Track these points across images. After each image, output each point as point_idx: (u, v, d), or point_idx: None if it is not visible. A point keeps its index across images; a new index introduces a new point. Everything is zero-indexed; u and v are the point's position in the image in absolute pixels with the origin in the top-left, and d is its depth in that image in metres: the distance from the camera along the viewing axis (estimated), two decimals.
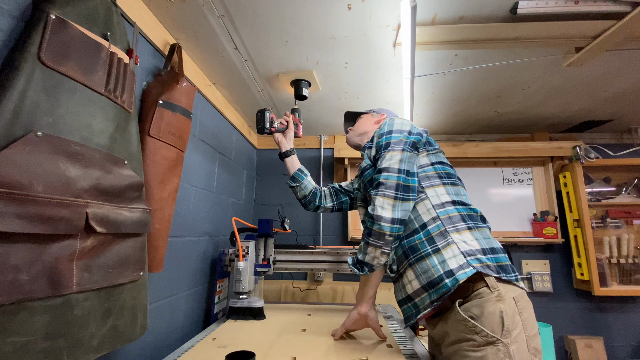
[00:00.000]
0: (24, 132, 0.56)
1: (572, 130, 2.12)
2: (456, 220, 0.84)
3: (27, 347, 0.54)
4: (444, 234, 0.82)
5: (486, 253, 0.79)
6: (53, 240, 0.59)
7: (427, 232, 0.85)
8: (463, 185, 0.95)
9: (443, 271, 0.78)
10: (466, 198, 0.91)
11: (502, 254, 0.82)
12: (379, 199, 0.87)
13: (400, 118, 1.02)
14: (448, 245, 0.81)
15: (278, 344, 1.02)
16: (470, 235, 0.82)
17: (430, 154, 0.96)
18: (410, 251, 0.86)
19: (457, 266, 0.77)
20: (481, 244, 0.81)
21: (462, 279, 0.75)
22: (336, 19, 1.06)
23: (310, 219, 2.20)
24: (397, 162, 0.90)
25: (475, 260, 0.77)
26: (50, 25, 0.62)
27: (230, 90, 1.58)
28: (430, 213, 0.86)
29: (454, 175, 0.95)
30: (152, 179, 0.93)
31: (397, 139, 0.94)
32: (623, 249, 1.91)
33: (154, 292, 1.06)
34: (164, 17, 1.05)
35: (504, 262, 0.80)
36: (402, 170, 0.88)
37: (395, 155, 0.91)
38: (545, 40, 1.12)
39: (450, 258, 0.79)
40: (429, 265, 0.81)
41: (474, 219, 0.86)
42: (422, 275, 0.82)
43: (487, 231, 0.86)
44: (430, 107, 1.77)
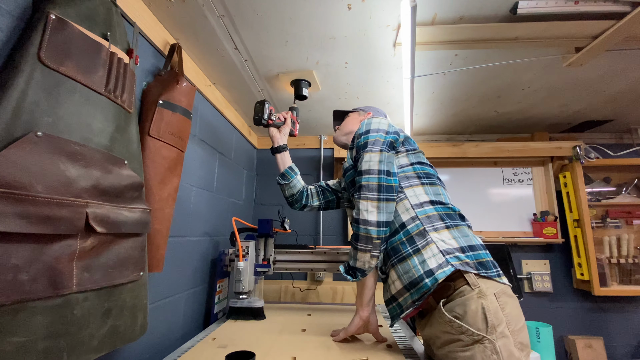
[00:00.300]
0: (24, 132, 0.56)
1: (572, 130, 2.12)
2: (435, 219, 0.86)
3: (27, 347, 0.54)
4: (423, 233, 0.84)
5: (465, 251, 0.80)
6: (53, 240, 0.59)
7: (406, 232, 0.86)
8: (443, 185, 0.97)
9: (423, 271, 0.79)
10: (445, 197, 0.92)
11: (482, 250, 0.83)
12: (363, 202, 0.88)
13: (379, 117, 1.02)
14: (427, 245, 0.82)
15: (278, 344, 1.02)
16: (448, 234, 0.83)
17: (410, 154, 0.98)
18: (392, 252, 0.88)
19: (437, 265, 0.78)
20: (459, 242, 0.82)
21: (441, 277, 0.76)
22: (336, 19, 1.06)
23: (310, 219, 2.20)
24: (376, 163, 0.90)
25: (454, 259, 0.78)
26: (50, 25, 0.62)
27: (230, 90, 1.58)
28: (409, 213, 0.88)
29: (433, 175, 0.97)
30: (152, 179, 0.93)
31: (374, 138, 0.95)
32: (623, 249, 1.91)
33: (154, 292, 1.06)
34: (164, 17, 1.06)
35: (484, 259, 0.81)
36: (382, 170, 0.89)
37: (374, 156, 0.91)
38: (545, 40, 1.12)
39: (429, 257, 0.80)
40: (410, 265, 0.82)
41: (452, 218, 0.87)
42: (403, 275, 0.84)
43: (465, 229, 0.87)
44: (430, 107, 1.77)
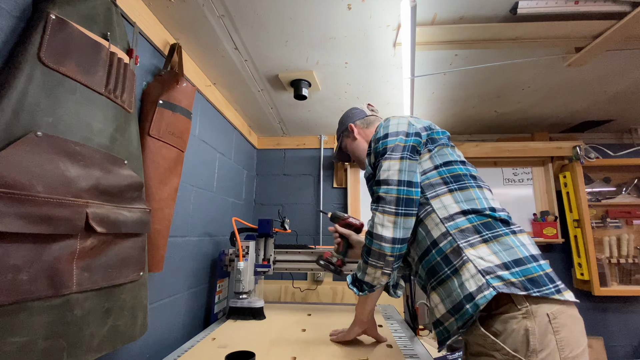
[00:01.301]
0: (24, 132, 0.56)
1: (572, 130, 2.12)
2: (469, 233, 0.74)
3: (27, 347, 0.54)
4: (458, 251, 0.72)
5: (509, 267, 0.68)
6: (53, 240, 0.59)
7: (440, 251, 0.76)
8: (477, 183, 0.82)
9: (463, 295, 0.69)
10: (480, 202, 0.78)
11: (532, 262, 0.69)
12: (379, 215, 0.79)
13: (397, 117, 0.92)
14: (464, 265, 0.71)
15: (278, 344, 1.02)
16: (487, 248, 0.71)
17: (434, 155, 0.85)
18: (431, 274, 0.78)
19: (476, 288, 0.67)
20: (501, 258, 0.69)
21: (482, 303, 0.65)
22: (336, 19, 1.06)
23: (310, 219, 2.20)
24: (395, 172, 0.81)
25: (496, 279, 0.66)
26: (50, 25, 0.62)
27: (230, 90, 1.58)
28: (439, 228, 0.77)
29: (463, 174, 0.82)
30: (152, 179, 0.93)
31: (393, 143, 0.85)
32: (623, 249, 1.91)
33: (154, 292, 1.06)
34: (164, 17, 1.05)
35: (535, 274, 0.67)
36: (403, 181, 0.80)
37: (394, 164, 0.82)
38: (545, 40, 1.12)
39: (468, 279, 0.69)
40: (450, 288, 0.72)
41: (490, 228, 0.74)
42: (446, 299, 0.73)
43: (508, 239, 0.73)
44: (430, 107, 1.77)
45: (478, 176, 0.85)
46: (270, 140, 2.32)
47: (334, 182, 2.23)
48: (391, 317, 1.42)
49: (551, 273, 0.70)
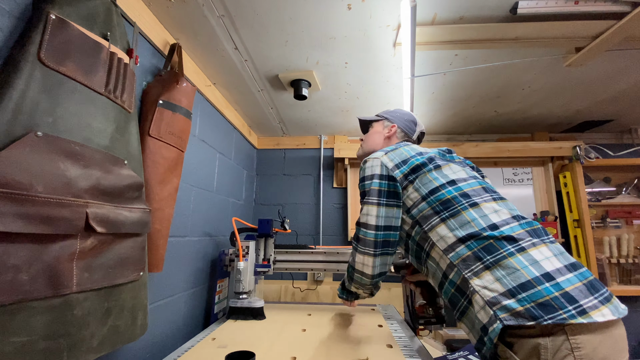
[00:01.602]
0: (24, 132, 0.56)
1: (572, 130, 2.12)
2: (471, 261, 0.70)
3: (27, 347, 0.54)
4: (466, 281, 0.70)
5: (514, 294, 0.62)
6: (53, 240, 0.59)
7: (452, 283, 0.74)
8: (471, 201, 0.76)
9: (479, 327, 0.67)
10: (477, 222, 0.73)
11: (544, 283, 0.61)
12: (359, 256, 0.88)
13: (371, 158, 0.92)
14: (473, 296, 0.68)
15: (278, 344, 1.02)
16: (490, 276, 0.66)
17: (418, 186, 0.82)
18: (452, 304, 0.75)
19: (488, 320, 0.64)
20: (505, 284, 0.64)
21: (493, 337, 0.62)
22: (336, 19, 1.06)
23: (310, 219, 2.20)
24: (373, 217, 0.85)
25: (502, 310, 0.62)
26: (50, 25, 0.62)
27: (230, 90, 1.58)
28: (444, 260, 0.75)
29: (452, 197, 0.77)
30: (152, 179, 0.93)
31: (369, 187, 0.87)
32: (623, 249, 1.91)
33: (154, 292, 1.06)
34: (164, 17, 1.05)
35: (547, 296, 0.60)
36: (380, 226, 0.84)
37: (372, 209, 0.85)
38: (545, 40, 1.12)
39: (479, 311, 0.66)
40: (472, 319, 0.69)
41: (490, 251, 0.68)
42: (472, 330, 0.71)
43: (512, 261, 0.66)
44: (430, 107, 1.77)
45: (473, 190, 0.79)
46: (270, 140, 2.32)
47: (334, 182, 2.23)
48: (391, 317, 1.42)
49: (575, 290, 0.61)
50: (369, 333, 1.16)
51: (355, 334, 1.13)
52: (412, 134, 1.10)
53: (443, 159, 0.88)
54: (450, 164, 0.86)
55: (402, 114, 1.13)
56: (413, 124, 1.10)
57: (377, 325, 1.26)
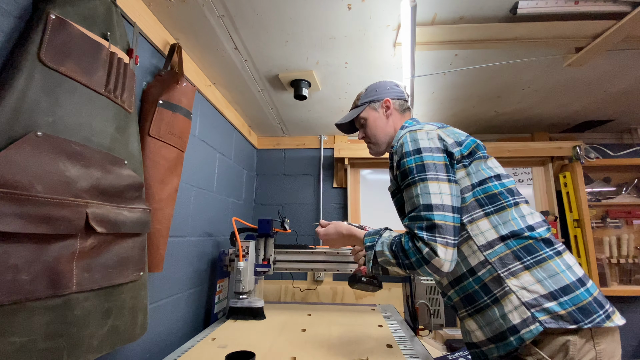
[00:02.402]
0: (24, 132, 0.56)
1: (572, 130, 2.12)
2: (509, 260, 0.68)
3: (27, 347, 0.54)
4: (499, 280, 0.68)
5: (556, 297, 0.63)
6: (53, 240, 0.59)
7: (478, 280, 0.71)
8: (514, 200, 0.74)
9: (506, 327, 0.65)
10: (517, 222, 0.71)
11: (580, 288, 0.64)
12: (441, 248, 0.68)
13: (423, 129, 0.79)
14: (506, 296, 0.66)
15: (278, 344, 1.02)
16: (530, 277, 0.66)
17: (471, 173, 0.76)
18: (467, 301, 0.74)
19: (520, 321, 0.64)
20: (547, 287, 0.64)
21: (528, 338, 0.62)
22: (336, 19, 1.06)
23: (310, 219, 2.20)
24: (449, 197, 0.71)
25: (542, 313, 0.63)
26: (50, 25, 0.62)
27: (230, 90, 1.58)
28: (477, 256, 0.71)
29: (499, 193, 0.74)
30: (152, 179, 0.93)
31: (431, 160, 0.74)
32: (623, 249, 1.91)
33: (154, 292, 1.06)
34: (164, 17, 1.05)
35: (584, 300, 0.63)
36: (456, 208, 0.71)
37: (444, 187, 0.72)
38: (545, 40, 1.12)
39: (511, 311, 0.65)
40: (491, 317, 0.69)
41: (532, 252, 0.68)
42: (485, 327, 0.70)
43: (552, 264, 0.67)
44: (430, 107, 1.77)
45: (514, 188, 0.77)
46: (270, 140, 2.32)
47: (334, 182, 2.23)
48: (391, 317, 1.42)
49: (599, 296, 0.66)
50: (369, 333, 1.16)
51: (355, 334, 1.13)
52: (405, 96, 0.99)
53: (485, 149, 0.82)
54: (491, 158, 0.81)
55: (379, 85, 0.99)
56: (397, 87, 0.99)
57: (377, 325, 1.26)
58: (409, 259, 0.72)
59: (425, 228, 0.70)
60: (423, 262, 0.69)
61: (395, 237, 0.77)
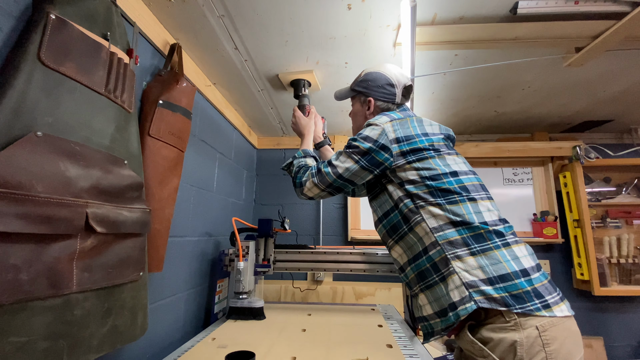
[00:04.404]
0: (24, 132, 0.56)
1: (572, 130, 2.12)
2: (457, 245, 0.74)
3: (27, 347, 0.54)
4: (446, 260, 0.75)
5: (493, 283, 0.69)
6: (53, 240, 0.59)
7: (429, 258, 0.78)
8: (469, 196, 0.79)
9: (447, 303, 0.73)
10: (471, 216, 0.76)
11: (520, 278, 0.69)
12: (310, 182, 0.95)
13: (376, 124, 0.89)
14: (450, 275, 0.73)
15: (278, 344, 1.02)
16: (474, 261, 0.72)
17: (419, 168, 0.83)
18: (420, 277, 0.82)
19: (459, 299, 0.70)
20: (486, 272, 0.70)
21: (463, 315, 0.68)
22: (336, 19, 1.06)
23: (310, 219, 2.20)
24: (343, 169, 0.90)
25: (478, 293, 0.69)
26: (50, 25, 0.62)
27: (230, 90, 1.58)
28: (429, 237, 0.78)
29: (452, 189, 0.79)
30: (152, 179, 0.93)
31: (359, 145, 0.88)
32: (623, 249, 1.91)
33: (154, 292, 1.06)
34: (164, 17, 1.05)
35: (520, 290, 0.68)
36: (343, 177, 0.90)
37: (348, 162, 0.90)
38: (545, 40, 1.12)
39: (452, 290, 0.72)
40: (437, 294, 0.76)
41: (479, 240, 0.74)
42: (433, 302, 0.78)
43: (497, 253, 0.72)
44: (430, 107, 1.77)
45: (472, 185, 0.81)
46: (270, 140, 2.32)
47: None
48: (391, 317, 1.42)
49: (542, 287, 0.70)
50: (369, 333, 1.16)
51: (355, 334, 1.13)
52: (393, 98, 1.00)
53: (447, 147, 0.88)
54: (452, 155, 0.87)
55: (375, 78, 1.01)
56: (390, 87, 1.00)
57: (377, 325, 1.26)
58: (296, 176, 0.99)
59: (317, 169, 0.94)
60: (300, 177, 0.97)
61: (305, 164, 1.01)
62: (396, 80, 1.00)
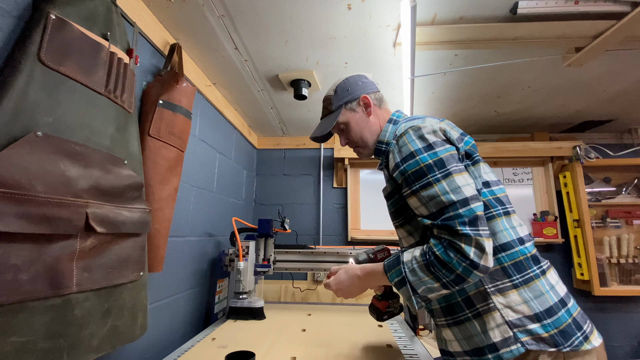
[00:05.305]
0: (24, 132, 0.56)
1: (572, 130, 2.12)
2: (498, 276, 0.66)
3: (27, 347, 0.54)
4: (484, 295, 0.66)
5: (540, 319, 0.62)
6: (53, 240, 0.59)
7: (462, 291, 0.68)
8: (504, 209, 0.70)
9: (486, 343, 0.64)
10: (509, 233, 0.68)
11: (562, 309, 0.63)
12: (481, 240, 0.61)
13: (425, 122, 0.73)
14: (489, 312, 0.65)
15: (278, 344, 1.02)
16: (517, 296, 0.64)
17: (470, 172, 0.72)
18: (448, 311, 0.71)
19: (501, 340, 0.62)
20: (532, 308, 0.63)
21: (508, 358, 0.61)
22: (336, 19, 1.06)
23: (310, 219, 2.20)
24: (469, 187, 0.66)
25: (525, 334, 0.62)
26: (50, 25, 0.62)
27: (230, 90, 1.58)
28: None
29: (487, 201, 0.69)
30: (152, 179, 0.93)
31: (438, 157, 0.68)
32: (623, 249, 1.91)
33: (154, 292, 1.06)
34: (164, 17, 1.05)
35: (565, 323, 0.62)
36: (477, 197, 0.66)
37: (460, 179, 0.66)
38: (545, 40, 1.12)
39: (492, 328, 0.64)
40: (470, 331, 0.67)
41: (521, 269, 0.66)
42: (463, 340, 0.68)
43: (539, 283, 0.65)
44: (430, 107, 1.77)
45: (503, 197, 0.73)
46: (270, 140, 2.32)
47: (334, 182, 2.23)
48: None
49: (578, 316, 0.65)
50: (369, 333, 1.16)
51: (355, 334, 1.13)
52: (376, 89, 0.91)
53: (477, 151, 0.76)
54: (480, 162, 0.75)
55: (348, 81, 0.91)
56: (366, 79, 0.91)
57: (377, 325, 1.26)
58: (454, 271, 0.62)
59: (468, 223, 0.62)
60: (472, 268, 0.61)
61: (421, 257, 0.67)
62: (363, 74, 0.93)
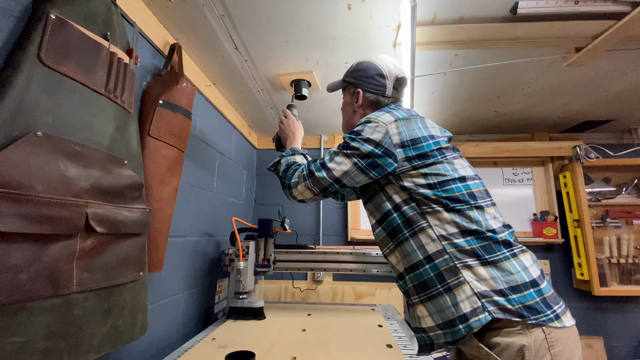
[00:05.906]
0: (24, 132, 0.56)
1: (572, 130, 2.12)
2: (467, 255, 0.71)
3: (27, 347, 0.54)
4: (454, 270, 0.71)
5: (505, 294, 0.67)
6: (53, 240, 0.59)
7: (434, 267, 0.73)
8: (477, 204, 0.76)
9: (457, 315, 0.69)
10: (480, 224, 0.73)
11: (530, 289, 0.68)
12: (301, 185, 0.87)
13: (377, 120, 0.81)
14: (460, 285, 0.69)
15: (278, 344, 1.02)
16: (485, 272, 0.69)
17: (426, 173, 0.78)
18: (421, 288, 0.76)
19: (471, 310, 0.67)
20: (498, 284, 0.68)
21: (477, 327, 0.66)
22: (336, 19, 1.06)
23: (310, 219, 2.20)
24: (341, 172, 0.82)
25: (491, 303, 0.66)
26: (50, 25, 0.62)
27: (230, 90, 1.58)
28: (435, 245, 0.73)
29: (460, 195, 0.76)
30: (152, 179, 0.93)
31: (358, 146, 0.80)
32: (623, 249, 1.91)
33: (154, 292, 1.06)
34: (164, 17, 1.05)
35: (532, 300, 0.67)
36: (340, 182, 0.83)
37: (346, 164, 0.81)
38: (545, 40, 1.12)
39: (463, 300, 0.68)
40: (442, 305, 0.72)
41: (490, 251, 0.71)
42: (436, 314, 0.73)
43: (508, 264, 0.70)
44: (430, 107, 1.77)
45: (479, 191, 0.78)
46: (270, 140, 2.32)
47: None
48: (391, 317, 1.42)
49: (550, 297, 0.69)
50: (369, 333, 1.16)
51: (355, 334, 1.13)
52: (383, 90, 0.93)
53: (453, 150, 0.83)
54: (458, 158, 0.82)
55: (366, 68, 0.95)
56: (380, 77, 0.92)
57: (377, 325, 1.26)
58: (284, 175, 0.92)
59: (309, 172, 0.86)
60: (290, 178, 0.89)
61: (294, 162, 0.94)
62: (387, 71, 0.93)
